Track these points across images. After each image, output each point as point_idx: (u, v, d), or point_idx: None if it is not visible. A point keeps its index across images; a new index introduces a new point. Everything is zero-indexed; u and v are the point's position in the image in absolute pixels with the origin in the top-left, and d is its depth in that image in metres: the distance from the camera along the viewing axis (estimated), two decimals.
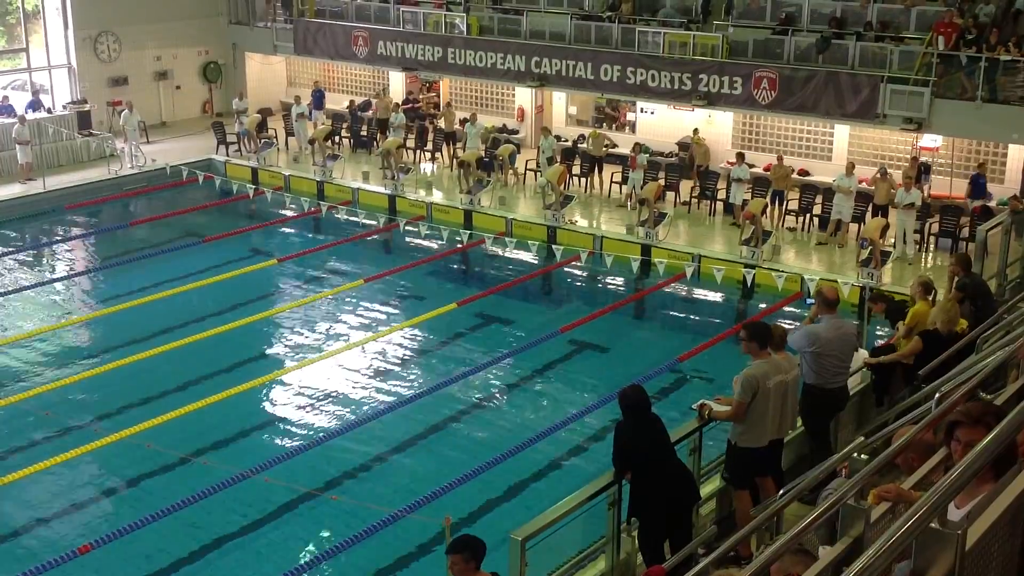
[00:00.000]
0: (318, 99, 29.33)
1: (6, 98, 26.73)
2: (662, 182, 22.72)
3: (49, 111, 27.37)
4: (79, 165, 26.63)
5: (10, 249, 22.45)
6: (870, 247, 18.80)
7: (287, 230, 23.85)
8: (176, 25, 30.28)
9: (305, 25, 29.20)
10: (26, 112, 26.38)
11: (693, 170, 23.65)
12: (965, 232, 19.87)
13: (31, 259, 22.13)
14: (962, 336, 10.41)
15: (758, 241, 19.78)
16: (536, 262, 21.27)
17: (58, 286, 20.60)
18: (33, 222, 23.86)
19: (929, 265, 19.96)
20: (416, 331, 18.10)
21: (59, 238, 23.55)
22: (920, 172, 21.47)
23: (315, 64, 31.63)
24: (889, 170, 21.19)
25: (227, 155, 27.53)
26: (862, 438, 7.12)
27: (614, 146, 25.68)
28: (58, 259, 22.53)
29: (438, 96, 30.55)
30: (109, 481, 13.33)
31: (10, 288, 20.07)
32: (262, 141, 27.62)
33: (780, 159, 22.08)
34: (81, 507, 12.74)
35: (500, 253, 21.79)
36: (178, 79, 30.91)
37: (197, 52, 31.22)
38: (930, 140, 22.10)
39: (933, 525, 3.75)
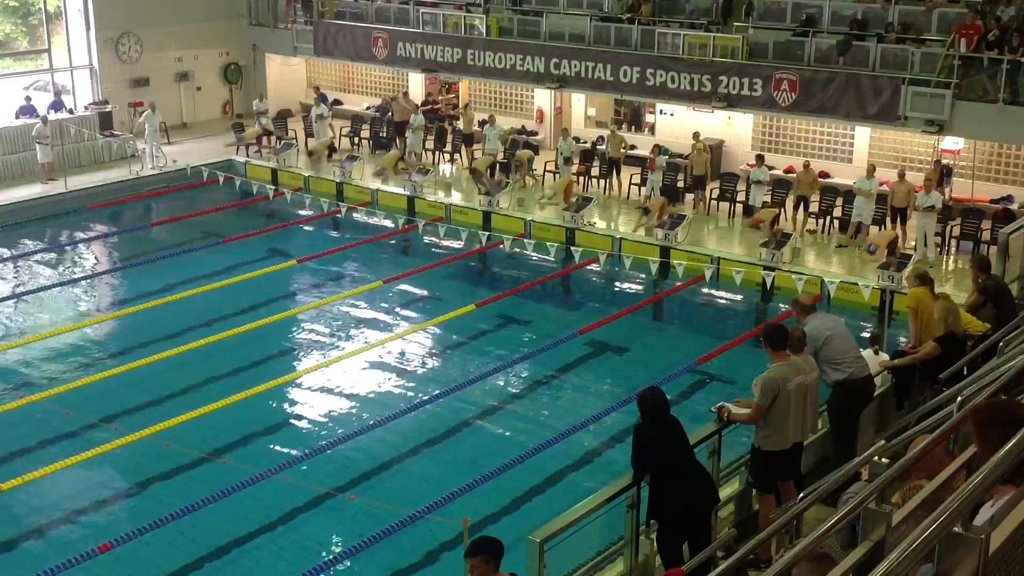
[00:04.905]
0: (322, 102, 29.41)
1: (28, 99, 26.91)
2: (666, 200, 22.31)
3: (71, 112, 27.54)
4: (100, 166, 26.78)
5: (32, 249, 22.60)
6: (876, 250, 18.68)
7: (306, 231, 23.91)
8: (197, 27, 30.42)
9: (325, 27, 29.27)
10: (48, 112, 26.56)
11: (693, 183, 23.36)
12: (987, 235, 19.75)
13: (52, 259, 22.24)
14: (978, 338, 10.37)
15: (773, 243, 19.68)
16: (555, 264, 21.24)
17: (79, 286, 20.72)
18: (54, 222, 24.00)
19: (950, 268, 19.85)
20: (434, 332, 18.11)
21: (80, 238, 23.68)
22: (942, 175, 21.35)
23: (335, 66, 31.73)
24: (907, 173, 21.09)
25: (247, 156, 27.64)
26: (883, 441, 7.07)
27: (632, 147, 25.64)
28: (79, 259, 22.65)
29: (457, 97, 30.59)
30: (128, 480, 13.40)
31: (31, 288, 20.22)
32: (282, 143, 27.78)
33: (807, 165, 21.90)
34: (100, 506, 12.81)
35: (519, 254, 21.77)
36: (199, 80, 31.04)
37: (218, 53, 31.35)
38: (951, 143, 21.97)
39: (956, 529, 3.72)
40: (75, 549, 11.46)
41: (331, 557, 11.55)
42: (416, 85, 30.53)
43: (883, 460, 5.99)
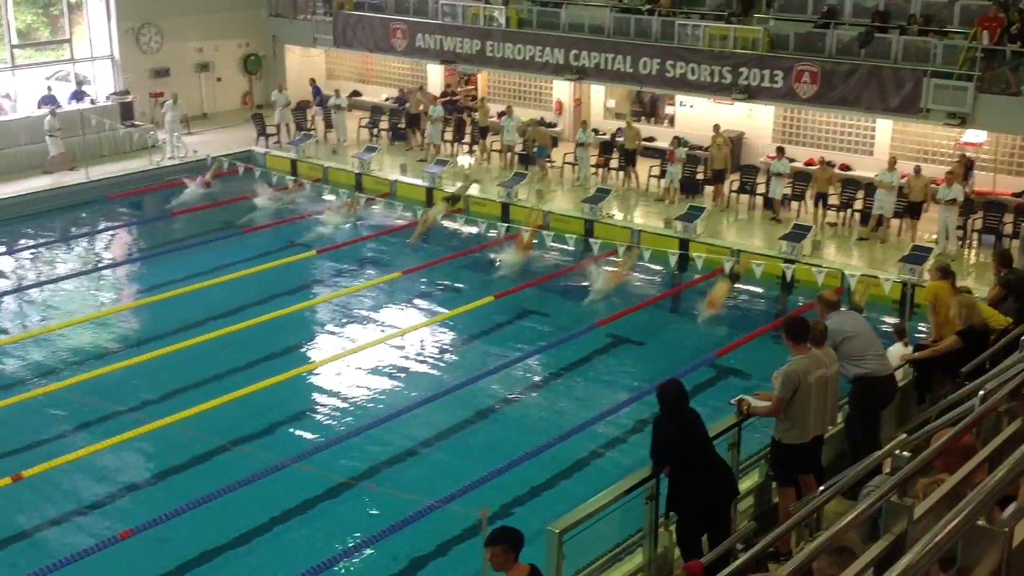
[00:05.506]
0: (316, 94, 29.45)
1: (50, 88, 27.06)
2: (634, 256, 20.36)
3: (92, 102, 27.67)
4: (121, 156, 26.91)
5: (52, 238, 22.76)
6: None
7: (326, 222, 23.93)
8: (217, 17, 30.51)
9: (344, 18, 29.32)
10: (70, 102, 26.69)
11: (713, 176, 23.19)
12: (1009, 229, 19.63)
13: (73, 248, 22.39)
14: (1000, 332, 10.32)
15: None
16: (573, 255, 21.20)
17: (99, 275, 20.84)
18: (76, 212, 24.15)
19: (972, 262, 19.73)
20: (453, 323, 18.13)
21: (101, 228, 23.81)
22: (966, 169, 21.21)
23: (354, 57, 31.76)
24: (924, 166, 20.98)
25: (267, 146, 27.72)
26: (904, 435, 7.06)
27: (650, 139, 25.57)
28: (100, 248, 22.80)
29: (476, 89, 30.58)
30: (150, 468, 13.48)
31: (52, 277, 20.36)
32: (301, 133, 27.84)
33: (823, 162, 21.82)
34: (123, 493, 12.89)
35: (537, 246, 21.71)
36: (219, 71, 31.15)
37: (238, 44, 31.45)
38: (974, 135, 21.83)
39: (980, 523, 3.71)
40: (97, 535, 11.57)
41: (350, 545, 11.58)
42: (435, 76, 30.53)
43: (905, 453, 5.98)
